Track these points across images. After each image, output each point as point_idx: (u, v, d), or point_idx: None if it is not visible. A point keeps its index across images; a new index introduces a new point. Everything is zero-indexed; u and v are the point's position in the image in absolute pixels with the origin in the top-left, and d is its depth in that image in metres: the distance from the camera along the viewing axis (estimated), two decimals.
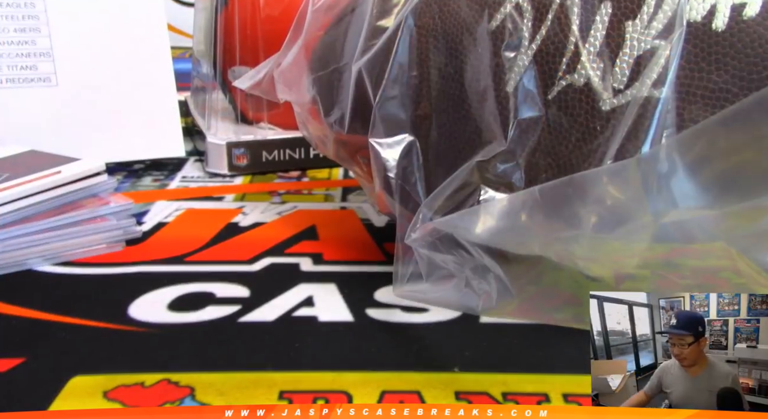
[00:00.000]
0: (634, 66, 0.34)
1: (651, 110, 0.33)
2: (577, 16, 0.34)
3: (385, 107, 0.40)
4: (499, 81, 0.37)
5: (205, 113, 0.75)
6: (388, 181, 0.40)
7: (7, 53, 0.67)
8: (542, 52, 0.36)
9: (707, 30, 0.33)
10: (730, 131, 0.31)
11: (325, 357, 0.39)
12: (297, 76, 0.46)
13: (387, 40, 0.40)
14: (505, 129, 0.37)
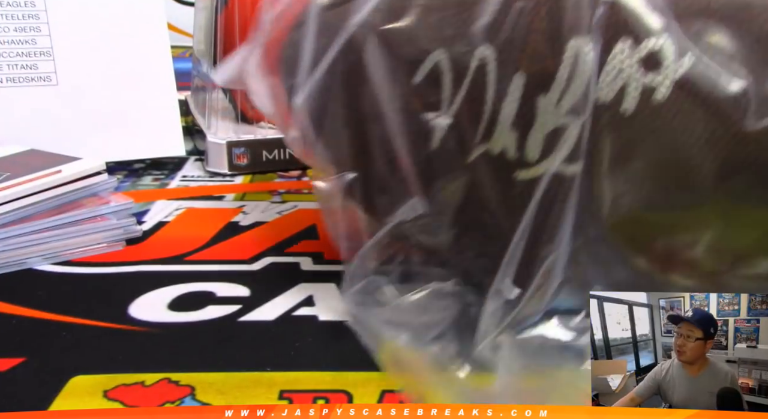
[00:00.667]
0: (546, 141, 0.34)
1: (564, 184, 0.33)
2: (492, 84, 0.34)
3: (326, 144, 0.39)
4: (419, 140, 0.36)
5: (205, 113, 0.75)
6: (336, 224, 0.40)
7: (8, 52, 0.67)
8: (460, 116, 0.35)
9: (616, 111, 0.32)
10: None
11: (325, 357, 0.39)
12: (258, 86, 0.45)
13: (321, 80, 0.38)
14: (427, 188, 0.36)
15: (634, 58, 0.31)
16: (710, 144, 0.31)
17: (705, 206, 0.33)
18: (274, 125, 0.46)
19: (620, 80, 0.32)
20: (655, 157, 0.32)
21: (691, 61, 0.31)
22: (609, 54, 0.32)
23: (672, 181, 0.33)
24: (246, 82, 0.46)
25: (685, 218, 0.34)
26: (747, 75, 0.31)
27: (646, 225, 0.34)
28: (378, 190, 0.39)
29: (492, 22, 0.33)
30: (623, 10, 0.31)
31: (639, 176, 0.33)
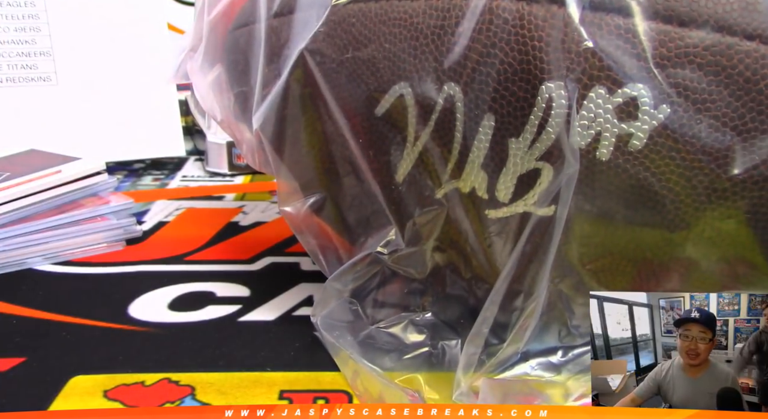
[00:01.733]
0: (518, 183, 0.32)
1: (537, 227, 0.32)
2: (461, 123, 0.32)
3: (288, 170, 0.38)
4: (388, 173, 0.35)
5: (205, 113, 0.75)
6: (310, 246, 0.39)
7: (8, 52, 0.67)
8: (428, 151, 0.33)
9: (591, 158, 0.31)
10: None
11: (325, 357, 0.39)
12: (204, 91, 0.43)
13: (275, 101, 0.36)
14: (400, 223, 0.36)
15: (610, 105, 0.30)
16: (688, 193, 0.31)
17: (683, 250, 0.33)
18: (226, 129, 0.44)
19: (595, 127, 0.31)
20: (631, 204, 0.32)
21: (669, 110, 0.30)
22: (584, 100, 0.30)
23: (647, 228, 0.32)
24: (195, 89, 0.43)
25: (662, 262, 0.33)
26: (729, 124, 0.30)
27: (619, 269, 0.34)
28: (350, 210, 0.38)
29: (460, 60, 0.31)
30: (599, 56, 0.30)
31: (613, 223, 0.32)
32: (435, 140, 0.33)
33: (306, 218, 0.39)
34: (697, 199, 0.31)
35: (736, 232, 0.31)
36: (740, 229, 0.31)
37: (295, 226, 0.39)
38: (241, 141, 0.42)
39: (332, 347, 0.38)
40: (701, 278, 0.33)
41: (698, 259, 0.33)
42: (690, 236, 0.32)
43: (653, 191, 0.31)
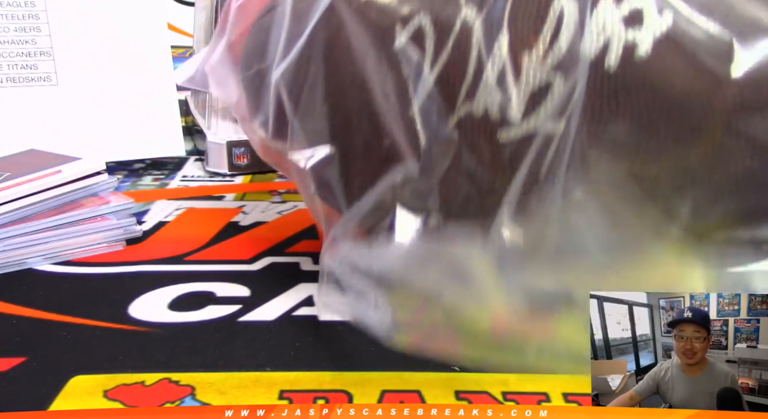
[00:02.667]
0: (531, 98, 0.34)
1: (550, 143, 0.33)
2: (477, 42, 0.34)
3: (303, 119, 0.39)
4: (404, 103, 0.36)
5: (205, 113, 0.75)
6: (310, 194, 0.40)
7: (8, 52, 0.67)
8: (443, 77, 0.35)
9: (601, 67, 0.33)
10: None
11: (325, 357, 0.39)
12: (224, 75, 0.46)
13: (300, 50, 0.38)
14: (416, 151, 0.36)
15: (617, 15, 0.32)
16: (692, 97, 0.32)
17: (689, 158, 0.33)
18: (237, 115, 0.46)
19: (603, 37, 0.32)
20: (639, 111, 0.33)
21: (672, 17, 0.32)
22: (593, 11, 0.32)
23: (654, 135, 0.33)
24: (209, 74, 0.46)
25: (669, 173, 0.34)
26: (729, 27, 0.32)
27: (629, 183, 0.35)
28: (357, 164, 0.39)
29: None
30: None
31: (623, 132, 0.33)
32: (451, 63, 0.35)
33: (309, 175, 0.40)
34: (703, 101, 0.32)
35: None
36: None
37: (300, 182, 0.40)
38: (252, 122, 0.43)
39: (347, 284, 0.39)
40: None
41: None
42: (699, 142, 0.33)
43: (659, 99, 0.32)
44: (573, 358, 0.34)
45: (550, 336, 0.35)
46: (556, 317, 0.35)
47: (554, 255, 0.35)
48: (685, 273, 0.33)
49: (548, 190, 0.34)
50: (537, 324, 0.35)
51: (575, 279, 0.34)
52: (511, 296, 0.35)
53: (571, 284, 0.34)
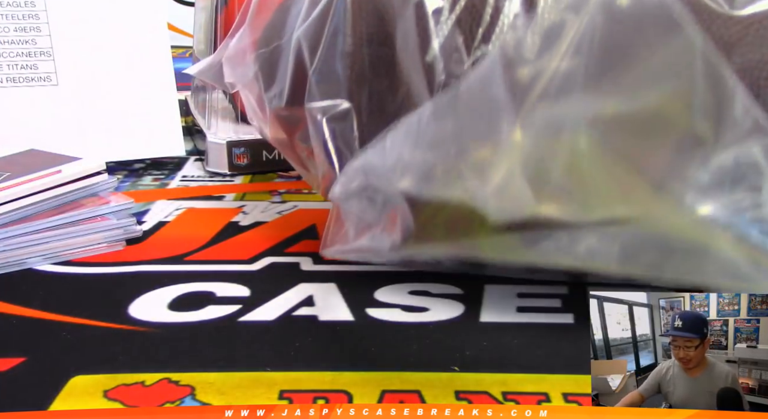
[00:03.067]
0: (545, 38, 0.35)
1: (560, 81, 0.34)
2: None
3: (321, 73, 0.41)
4: (424, 48, 0.38)
5: (205, 113, 0.75)
6: (327, 147, 0.41)
7: (8, 52, 0.67)
8: (461, 21, 0.37)
9: (612, 5, 0.33)
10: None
11: (325, 357, 0.39)
12: (241, 56, 0.48)
13: (322, 8, 0.41)
14: (432, 94, 0.38)
15: None
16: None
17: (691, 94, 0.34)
18: (250, 94, 0.47)
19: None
20: (648, 50, 0.34)
21: None
22: None
23: (662, 74, 0.34)
24: (225, 63, 0.47)
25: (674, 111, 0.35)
26: None
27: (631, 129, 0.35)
28: (372, 116, 0.40)
29: None
30: None
31: (631, 74, 0.34)
32: (468, 7, 0.37)
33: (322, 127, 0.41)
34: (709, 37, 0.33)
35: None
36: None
37: (314, 125, 0.41)
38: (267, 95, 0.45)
39: (355, 220, 0.40)
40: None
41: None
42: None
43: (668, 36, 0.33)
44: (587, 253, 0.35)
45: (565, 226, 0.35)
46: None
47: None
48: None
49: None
50: (552, 210, 0.36)
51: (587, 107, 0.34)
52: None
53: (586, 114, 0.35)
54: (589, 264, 0.35)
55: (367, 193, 0.39)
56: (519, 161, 0.35)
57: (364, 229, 0.40)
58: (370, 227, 0.40)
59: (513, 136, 0.35)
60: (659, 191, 0.34)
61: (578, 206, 0.36)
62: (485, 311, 0.43)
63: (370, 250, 0.40)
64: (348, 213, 0.40)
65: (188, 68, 0.55)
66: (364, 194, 0.39)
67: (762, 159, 0.33)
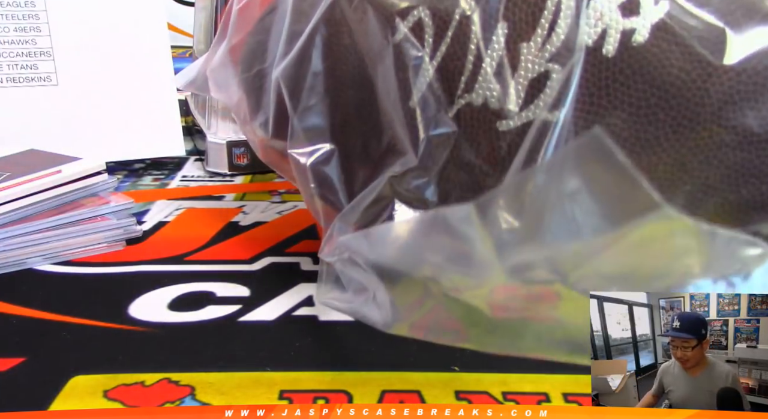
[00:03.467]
0: (529, 88, 0.34)
1: (547, 133, 0.34)
2: (476, 34, 0.35)
3: (303, 116, 0.40)
4: (405, 94, 0.37)
5: (205, 113, 0.75)
6: (311, 191, 0.40)
7: (8, 52, 0.67)
8: (443, 69, 0.36)
9: (598, 55, 0.33)
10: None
11: (325, 357, 0.39)
12: (225, 76, 0.47)
13: (301, 48, 0.39)
14: (415, 143, 0.37)
15: (614, 3, 0.33)
16: (689, 85, 0.33)
17: (686, 148, 0.34)
18: (236, 116, 0.47)
19: (601, 24, 0.33)
20: (636, 99, 0.34)
21: (668, 6, 0.33)
22: (589, 1, 0.33)
23: (652, 124, 0.34)
24: (209, 77, 0.46)
25: (667, 163, 0.34)
26: (722, 16, 0.33)
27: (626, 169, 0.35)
28: (357, 160, 0.40)
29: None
30: None
31: (620, 121, 0.34)
32: (450, 56, 0.35)
33: (308, 171, 0.40)
34: (698, 92, 0.33)
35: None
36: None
37: (300, 175, 0.40)
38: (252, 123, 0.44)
39: (347, 277, 0.39)
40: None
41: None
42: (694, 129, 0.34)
43: (656, 85, 0.33)
44: (572, 345, 0.35)
45: (549, 319, 0.35)
46: (553, 300, 0.35)
47: (550, 240, 0.35)
48: (678, 240, 0.33)
49: (544, 179, 0.34)
50: (535, 306, 0.35)
51: (570, 258, 0.34)
52: (510, 278, 0.35)
53: (565, 265, 0.35)
54: (578, 352, 0.35)
55: (354, 264, 0.39)
56: (501, 282, 0.35)
57: (358, 289, 0.40)
58: (364, 289, 0.39)
59: (492, 274, 0.35)
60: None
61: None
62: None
63: (366, 319, 0.40)
64: (340, 271, 0.40)
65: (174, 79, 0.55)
66: (351, 263, 0.39)
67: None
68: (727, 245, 0.33)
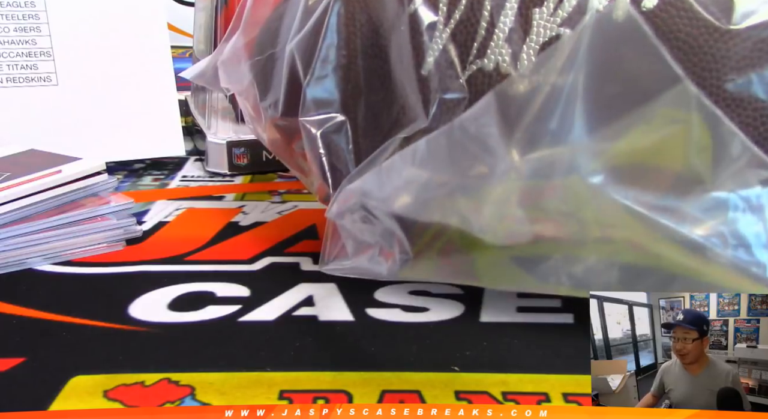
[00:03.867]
0: (541, 52, 0.35)
1: (557, 96, 0.34)
2: (489, 0, 0.36)
3: (315, 86, 0.41)
4: (418, 62, 0.38)
5: (205, 113, 0.75)
6: (321, 160, 0.41)
7: (8, 52, 0.67)
8: (456, 35, 0.37)
9: (609, 20, 0.34)
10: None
11: (325, 357, 0.39)
12: (236, 63, 0.47)
13: (316, 21, 0.40)
14: (426, 108, 0.38)
15: None
16: (696, 49, 0.34)
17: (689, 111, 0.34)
18: (244, 102, 0.47)
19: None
20: (645, 63, 0.34)
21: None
22: None
23: (659, 85, 0.34)
24: (220, 67, 0.47)
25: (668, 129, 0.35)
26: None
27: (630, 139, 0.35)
28: (367, 130, 0.40)
29: None
30: None
31: (628, 83, 0.34)
32: (463, 21, 0.36)
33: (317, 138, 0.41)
34: (705, 56, 0.34)
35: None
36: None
37: (308, 139, 0.41)
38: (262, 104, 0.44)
39: (353, 238, 0.39)
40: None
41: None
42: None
43: (665, 50, 0.34)
44: (576, 280, 0.35)
45: (562, 248, 0.35)
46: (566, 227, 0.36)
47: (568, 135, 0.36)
48: (689, 122, 0.33)
49: (554, 143, 0.35)
50: (549, 231, 0.36)
51: (588, 148, 0.34)
52: (529, 177, 0.36)
53: (583, 158, 0.35)
54: (589, 288, 0.35)
55: (364, 215, 0.39)
56: (514, 188, 0.35)
57: (362, 247, 0.40)
58: (369, 247, 0.40)
59: (508, 168, 0.35)
60: (656, 219, 0.34)
61: (575, 227, 0.36)
62: (485, 311, 0.43)
63: (369, 272, 0.40)
64: (345, 231, 0.40)
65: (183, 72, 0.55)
66: (361, 215, 0.39)
67: (761, 191, 0.33)
68: (740, 157, 0.33)
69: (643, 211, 0.34)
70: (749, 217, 0.34)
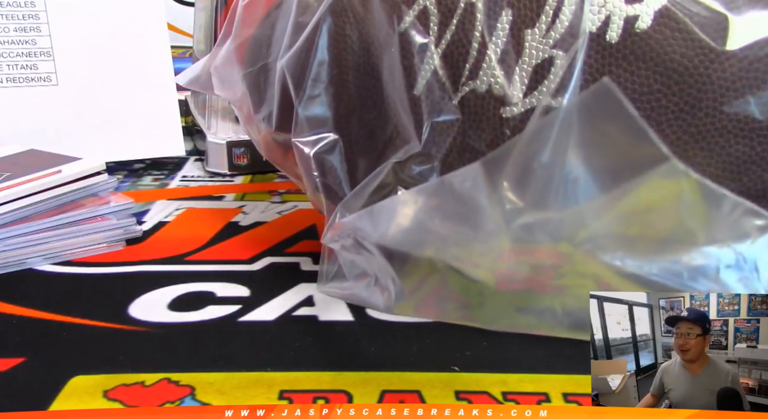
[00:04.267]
0: (533, 75, 0.35)
1: (551, 119, 0.34)
2: (480, 22, 0.35)
3: (307, 106, 0.40)
4: (410, 82, 0.37)
5: (205, 113, 0.75)
6: (315, 181, 0.41)
7: (8, 53, 0.67)
8: (447, 56, 0.36)
9: (602, 41, 0.34)
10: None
11: (325, 357, 0.39)
12: (229, 72, 0.47)
13: (306, 38, 0.40)
14: (419, 130, 0.37)
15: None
16: (691, 70, 0.34)
17: (686, 131, 0.34)
18: (239, 112, 0.47)
19: (605, 11, 0.34)
20: (639, 85, 0.34)
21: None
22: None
23: (654, 105, 0.34)
24: (213, 74, 0.46)
25: (666, 145, 0.35)
26: (725, 2, 0.33)
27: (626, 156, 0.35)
28: (361, 150, 0.40)
29: None
30: None
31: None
32: (455, 43, 0.36)
33: (310, 159, 0.41)
34: (700, 77, 0.34)
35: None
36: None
37: (301, 159, 0.41)
38: (256, 116, 0.44)
39: (349, 262, 0.39)
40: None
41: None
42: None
43: (659, 71, 0.34)
44: (574, 321, 0.35)
45: (554, 289, 0.35)
46: (559, 262, 0.36)
47: (556, 203, 0.36)
48: (684, 201, 0.33)
49: (548, 165, 0.34)
50: (540, 275, 0.36)
51: (576, 219, 0.34)
52: (515, 242, 0.36)
53: (571, 226, 0.35)
54: (587, 326, 0.35)
55: (357, 247, 0.39)
56: (504, 246, 0.35)
57: (359, 274, 0.40)
58: (365, 274, 0.40)
59: (499, 238, 0.35)
60: (649, 278, 0.35)
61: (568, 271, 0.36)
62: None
63: (366, 302, 0.40)
64: (342, 256, 0.40)
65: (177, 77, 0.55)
66: (355, 246, 0.39)
67: (757, 237, 0.33)
68: (732, 211, 0.33)
69: (636, 273, 0.35)
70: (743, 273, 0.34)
